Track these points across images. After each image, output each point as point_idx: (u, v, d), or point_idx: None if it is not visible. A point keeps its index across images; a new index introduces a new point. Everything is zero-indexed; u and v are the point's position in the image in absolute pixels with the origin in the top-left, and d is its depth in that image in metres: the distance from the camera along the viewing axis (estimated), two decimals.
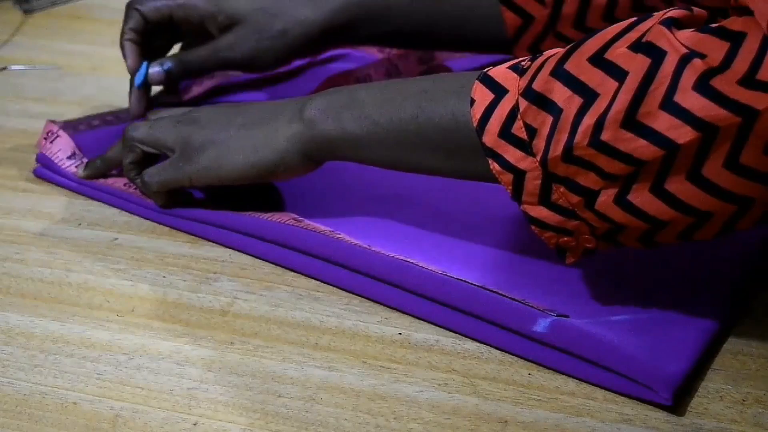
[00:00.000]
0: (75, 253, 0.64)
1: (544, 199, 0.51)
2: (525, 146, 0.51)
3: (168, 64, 0.73)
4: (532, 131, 0.50)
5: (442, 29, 0.74)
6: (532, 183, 0.51)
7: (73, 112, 0.78)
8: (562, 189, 0.51)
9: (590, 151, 0.48)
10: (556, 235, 0.53)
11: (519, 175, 0.51)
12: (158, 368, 0.54)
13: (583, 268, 0.58)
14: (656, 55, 0.47)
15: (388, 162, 0.59)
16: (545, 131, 0.50)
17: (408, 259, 0.58)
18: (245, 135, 0.61)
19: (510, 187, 0.52)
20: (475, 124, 0.52)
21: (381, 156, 0.58)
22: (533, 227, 0.53)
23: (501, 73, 0.53)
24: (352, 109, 0.58)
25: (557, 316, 0.54)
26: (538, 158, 0.50)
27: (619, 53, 0.48)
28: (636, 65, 0.47)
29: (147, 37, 0.73)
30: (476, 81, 0.53)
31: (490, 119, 0.52)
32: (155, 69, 0.73)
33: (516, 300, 0.55)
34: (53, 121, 0.73)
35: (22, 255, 0.64)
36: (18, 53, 0.76)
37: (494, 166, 0.52)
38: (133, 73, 0.73)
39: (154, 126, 0.65)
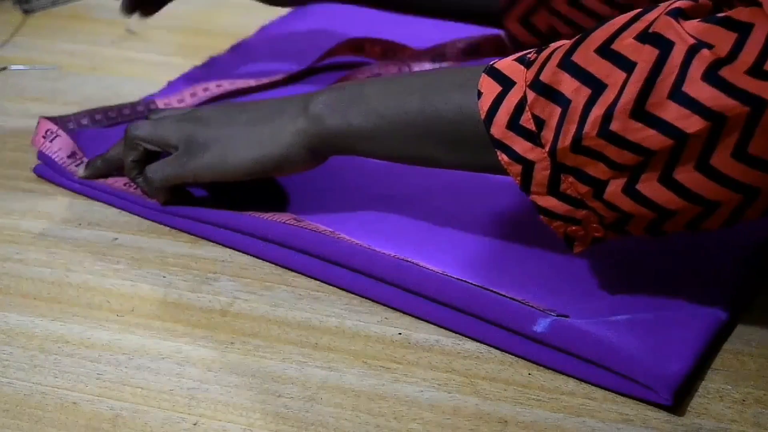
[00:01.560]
0: (75, 253, 0.64)
1: (553, 189, 0.52)
2: (533, 137, 0.51)
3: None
4: (540, 122, 0.51)
5: None
6: (541, 173, 0.51)
7: (73, 112, 0.78)
8: (570, 179, 0.51)
9: (599, 142, 0.49)
10: (564, 224, 0.53)
11: (528, 166, 0.52)
12: (158, 368, 0.54)
13: (584, 267, 0.58)
14: (664, 45, 0.47)
15: (395, 156, 0.59)
16: (553, 122, 0.50)
17: (408, 259, 0.58)
18: (250, 131, 0.61)
19: (519, 178, 0.52)
20: (482, 117, 0.52)
21: (388, 150, 0.58)
22: (542, 217, 0.53)
23: (507, 65, 0.53)
24: (357, 103, 0.58)
25: (557, 316, 0.54)
26: (547, 149, 0.51)
27: (627, 44, 0.48)
28: (644, 56, 0.47)
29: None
30: (483, 74, 0.53)
31: (498, 111, 0.52)
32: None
33: (516, 300, 0.55)
34: (47, 119, 0.73)
35: (22, 255, 0.64)
36: (18, 53, 0.76)
37: (503, 158, 0.52)
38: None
39: (156, 124, 0.64)
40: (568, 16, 0.72)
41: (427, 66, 0.82)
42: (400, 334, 0.57)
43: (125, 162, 0.66)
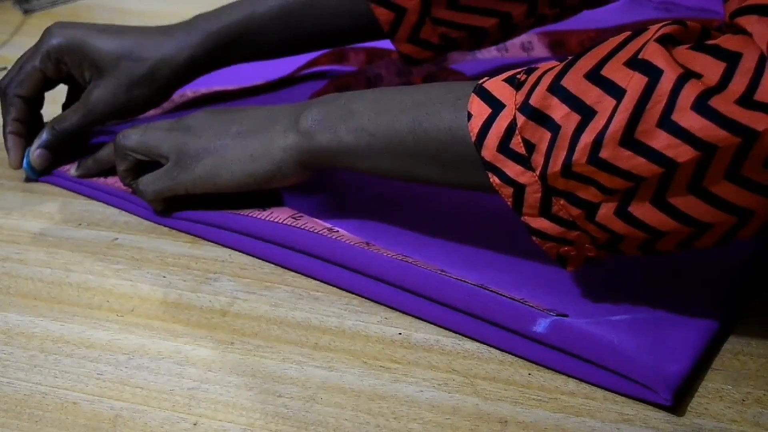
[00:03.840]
0: (75, 253, 0.64)
1: (545, 211, 0.52)
2: (524, 161, 0.51)
3: (44, 138, 0.72)
4: (530, 146, 0.50)
5: (313, 37, 0.74)
6: (533, 196, 0.51)
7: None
8: (562, 202, 0.51)
9: (589, 168, 0.48)
10: (557, 245, 0.53)
11: (519, 188, 0.51)
12: (158, 368, 0.54)
13: (583, 268, 0.58)
14: (653, 73, 0.47)
15: (385, 172, 0.58)
16: (543, 147, 0.50)
17: (407, 259, 0.58)
18: (241, 144, 0.61)
19: (510, 200, 0.52)
20: (473, 139, 0.52)
21: (378, 167, 0.58)
22: (534, 238, 0.53)
23: (497, 86, 0.53)
24: (348, 121, 0.58)
25: (557, 315, 0.54)
26: (538, 173, 0.51)
27: (616, 70, 0.48)
28: (633, 83, 0.47)
29: (32, 116, 0.73)
30: (472, 94, 0.53)
31: (488, 134, 0.52)
32: (36, 152, 0.72)
33: (516, 300, 0.55)
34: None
35: (22, 255, 0.64)
36: (18, 53, 0.76)
37: (494, 180, 0.52)
38: (17, 168, 0.73)
39: (146, 133, 0.64)
40: (452, 20, 0.71)
41: (427, 65, 0.81)
42: (400, 334, 0.57)
43: (117, 170, 0.66)
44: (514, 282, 0.57)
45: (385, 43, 0.83)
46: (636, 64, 0.47)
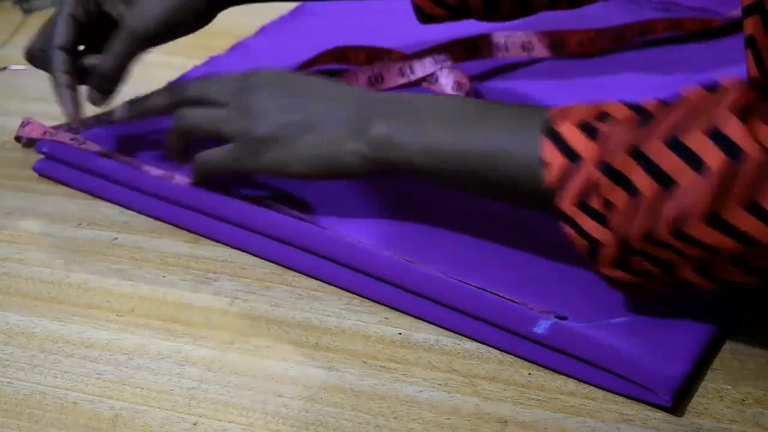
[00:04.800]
0: (75, 253, 0.64)
1: (621, 264, 0.52)
2: (601, 219, 0.51)
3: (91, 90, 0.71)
4: (609, 206, 0.51)
5: None
6: (609, 250, 0.52)
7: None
8: (638, 259, 0.51)
9: (672, 240, 0.49)
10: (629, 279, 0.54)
11: (594, 242, 0.52)
12: (158, 368, 0.54)
13: (583, 270, 0.58)
14: (736, 153, 0.46)
15: (452, 190, 0.59)
16: (624, 209, 0.50)
17: (408, 259, 0.58)
18: (307, 142, 0.60)
19: (585, 251, 0.53)
20: (549, 188, 0.53)
21: (447, 187, 0.59)
22: (610, 284, 0.54)
23: (570, 133, 0.52)
24: (418, 139, 0.57)
25: (557, 317, 0.54)
26: (615, 233, 0.51)
27: (696, 140, 0.48)
28: (715, 159, 0.47)
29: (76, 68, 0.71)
30: (544, 138, 0.53)
31: (567, 187, 0.52)
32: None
33: (516, 302, 0.55)
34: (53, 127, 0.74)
35: (22, 255, 0.64)
36: (18, 53, 0.76)
37: (569, 231, 0.53)
38: (74, 121, 0.70)
39: (210, 114, 0.63)
40: None
41: (428, 65, 0.81)
42: (400, 334, 0.57)
43: (171, 145, 0.65)
44: (514, 284, 0.57)
45: (385, 43, 0.83)
46: (716, 137, 0.47)
